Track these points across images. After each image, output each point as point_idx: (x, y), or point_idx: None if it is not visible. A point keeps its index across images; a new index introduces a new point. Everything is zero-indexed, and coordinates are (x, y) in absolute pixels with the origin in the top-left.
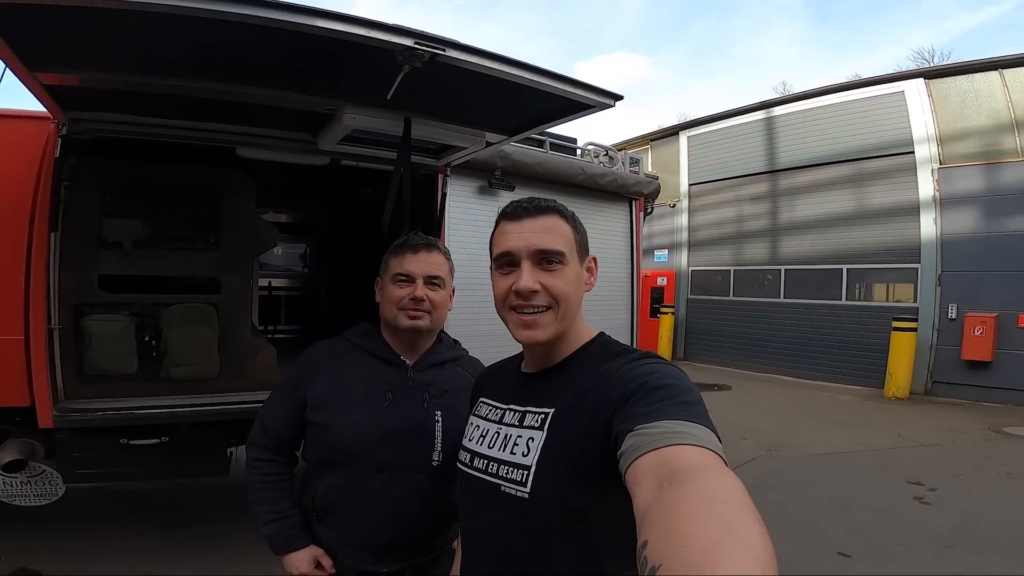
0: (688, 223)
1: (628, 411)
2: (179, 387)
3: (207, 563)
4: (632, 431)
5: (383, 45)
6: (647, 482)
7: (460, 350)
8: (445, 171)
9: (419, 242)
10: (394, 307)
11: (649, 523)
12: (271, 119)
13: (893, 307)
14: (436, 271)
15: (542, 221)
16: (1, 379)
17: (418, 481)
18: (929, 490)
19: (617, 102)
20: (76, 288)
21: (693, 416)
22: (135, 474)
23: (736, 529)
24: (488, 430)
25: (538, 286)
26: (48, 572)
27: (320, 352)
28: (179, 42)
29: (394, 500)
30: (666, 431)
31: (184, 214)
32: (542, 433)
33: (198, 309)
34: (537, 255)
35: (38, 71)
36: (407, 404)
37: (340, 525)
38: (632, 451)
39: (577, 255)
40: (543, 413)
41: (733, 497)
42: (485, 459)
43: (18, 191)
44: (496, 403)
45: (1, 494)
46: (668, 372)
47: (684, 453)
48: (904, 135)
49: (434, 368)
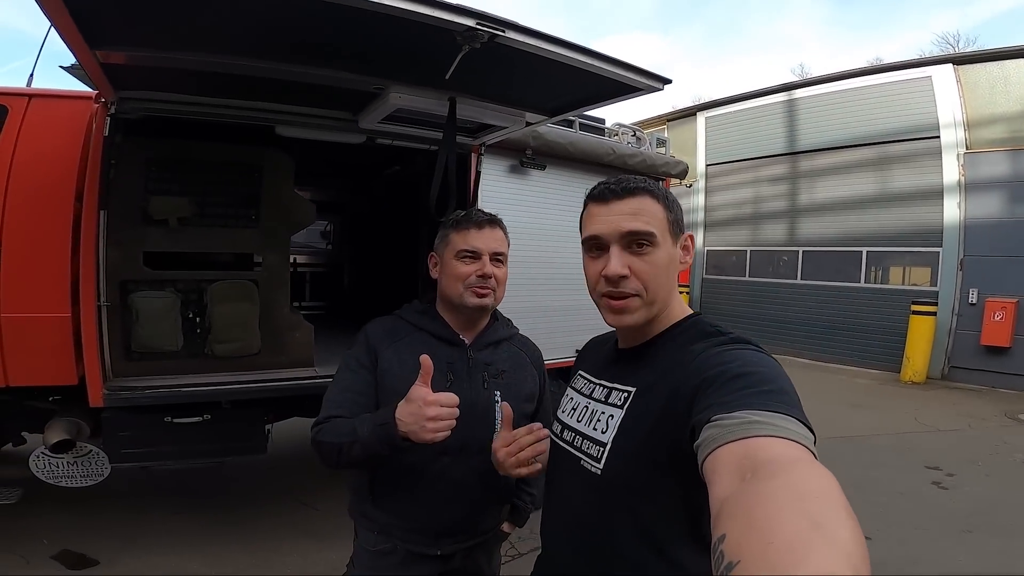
0: (704, 203)
1: (707, 400)
2: (221, 364)
3: (244, 542)
4: (710, 421)
5: (444, 25)
6: (727, 473)
7: (512, 328)
8: (479, 150)
9: (483, 217)
10: (460, 284)
11: (728, 516)
12: (314, 98)
13: (912, 290)
14: (500, 247)
15: (631, 203)
16: (51, 357)
17: (478, 462)
18: (947, 475)
19: (666, 85)
20: (123, 265)
21: (779, 406)
22: (179, 453)
23: (825, 525)
24: (579, 404)
25: (627, 271)
26: (90, 554)
27: (380, 330)
28: (239, 20)
29: (455, 483)
30: (747, 421)
31: (225, 192)
32: (621, 411)
33: (241, 285)
34: (626, 238)
35: (98, 49)
36: (468, 385)
37: (398, 508)
38: (710, 442)
39: (670, 234)
40: (626, 391)
41: (824, 492)
42: (572, 432)
43: (64, 170)
44: (590, 377)
45: (47, 475)
46: (753, 359)
47: (769, 445)
48: (930, 120)
49: (491, 347)
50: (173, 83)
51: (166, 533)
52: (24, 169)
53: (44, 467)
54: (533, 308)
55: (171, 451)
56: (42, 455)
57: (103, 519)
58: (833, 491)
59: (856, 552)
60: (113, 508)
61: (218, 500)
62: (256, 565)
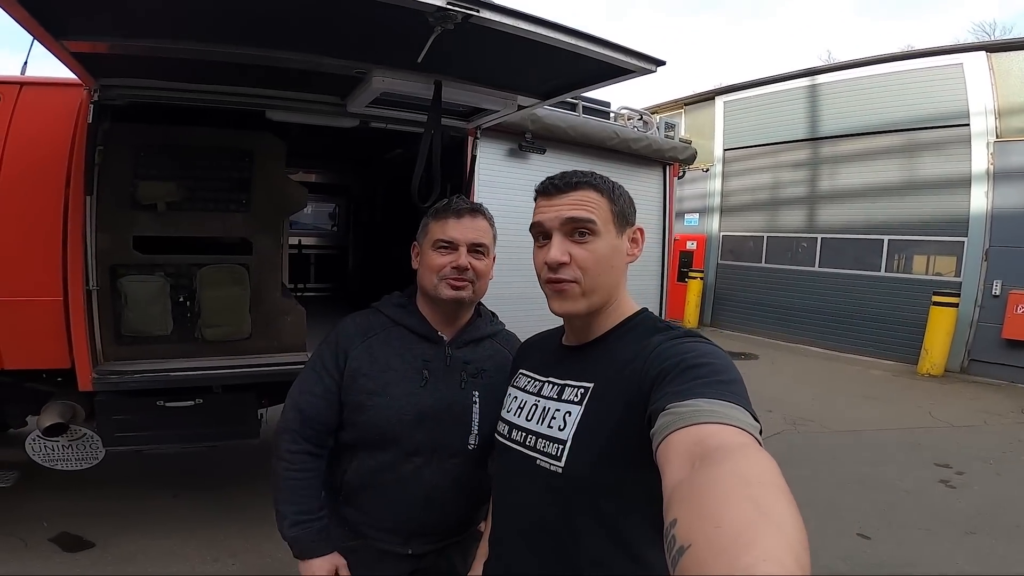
0: (721, 188)
1: (663, 390)
2: (212, 348)
3: (240, 525)
4: (665, 410)
5: (414, 6)
6: (678, 460)
7: (498, 324)
8: (475, 133)
9: (463, 206)
10: (434, 276)
11: (679, 502)
12: (301, 82)
13: (934, 281)
14: (480, 238)
15: (574, 195)
16: (43, 340)
17: (452, 466)
18: (956, 473)
19: (659, 67)
20: (112, 249)
21: (729, 395)
22: (172, 437)
23: (769, 511)
24: (526, 402)
25: (567, 257)
26: (88, 536)
27: (353, 326)
28: (207, 6)
29: (427, 485)
30: (699, 410)
31: (216, 176)
32: (579, 408)
33: (230, 269)
34: (567, 225)
35: (65, 39)
36: (444, 384)
37: (369, 507)
38: (663, 428)
39: (614, 226)
40: (582, 387)
41: (768, 478)
42: (523, 431)
43: (54, 156)
44: (535, 375)
45: (43, 458)
46: (706, 351)
47: (718, 432)
48: (960, 107)
49: (472, 344)
50: (153, 70)
51: (161, 516)
52: (15, 156)
53: (40, 450)
54: (531, 295)
55: (164, 435)
56: (37, 438)
57: (100, 502)
58: (775, 477)
59: (797, 539)
60: (110, 492)
61: (213, 484)
62: (249, 549)
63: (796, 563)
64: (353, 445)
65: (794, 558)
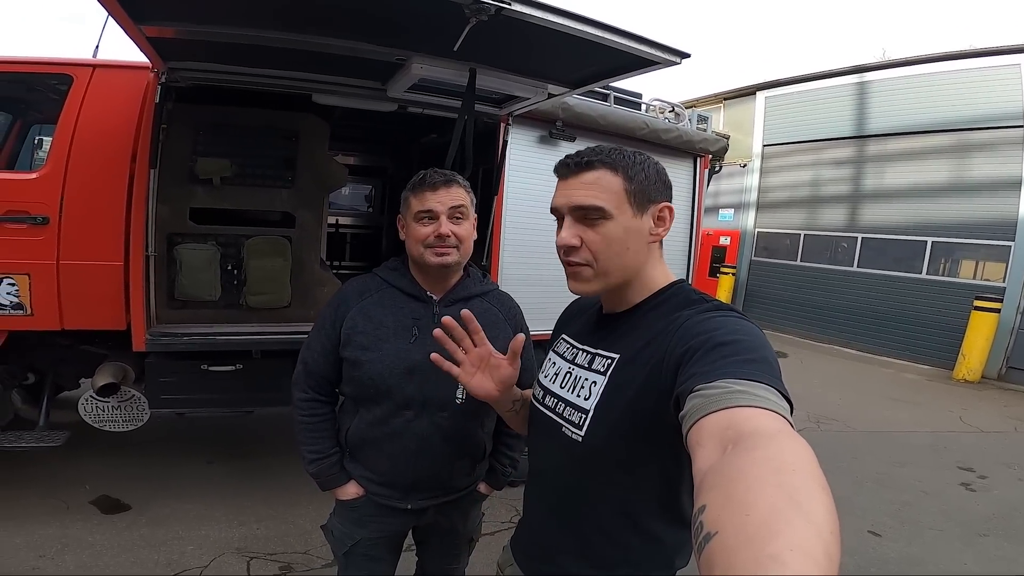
0: (759, 184)
1: (691, 369)
2: (254, 315)
3: (266, 492)
4: (693, 392)
5: None
6: (710, 444)
7: (488, 284)
8: (507, 120)
9: (437, 179)
10: (420, 245)
11: (708, 488)
12: (345, 68)
13: (977, 285)
14: (457, 201)
15: (585, 176)
16: (103, 303)
17: (441, 419)
18: (979, 477)
19: (684, 59)
20: (170, 219)
21: (760, 375)
22: (212, 401)
23: (801, 500)
24: (561, 368)
25: (577, 241)
26: (126, 500)
27: (352, 289)
28: None
29: (418, 437)
30: (730, 391)
31: (264, 154)
32: (604, 378)
33: (275, 241)
34: (576, 211)
35: (142, 24)
36: (432, 340)
37: (368, 461)
38: (694, 412)
39: (630, 206)
40: (610, 358)
41: (801, 466)
42: (554, 397)
43: (122, 132)
44: (573, 342)
45: (94, 419)
46: (738, 326)
47: (751, 416)
48: (1015, 108)
49: (460, 303)
50: (215, 54)
51: (197, 481)
52: (87, 131)
53: (92, 411)
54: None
55: (205, 399)
56: (90, 399)
57: (140, 467)
58: (809, 464)
59: (827, 530)
60: (150, 458)
61: (247, 452)
62: (275, 516)
63: (824, 554)
64: (355, 401)
65: (823, 548)
